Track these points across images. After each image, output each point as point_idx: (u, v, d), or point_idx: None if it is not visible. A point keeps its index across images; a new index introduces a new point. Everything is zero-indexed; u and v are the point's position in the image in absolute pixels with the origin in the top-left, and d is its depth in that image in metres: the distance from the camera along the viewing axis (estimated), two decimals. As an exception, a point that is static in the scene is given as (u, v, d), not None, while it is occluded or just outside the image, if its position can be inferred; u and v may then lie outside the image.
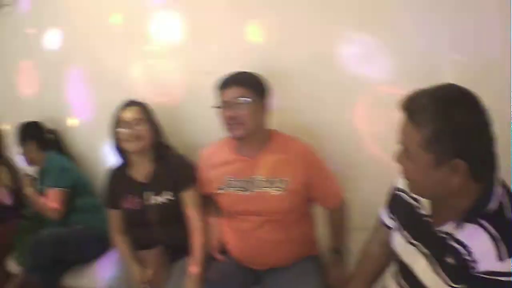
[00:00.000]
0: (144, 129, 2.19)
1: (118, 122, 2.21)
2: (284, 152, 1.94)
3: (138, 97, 2.34)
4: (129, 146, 2.18)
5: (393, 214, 1.53)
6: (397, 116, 1.21)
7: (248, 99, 1.87)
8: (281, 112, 2.04)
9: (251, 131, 1.90)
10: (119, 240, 2.30)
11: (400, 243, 1.44)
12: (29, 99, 3.14)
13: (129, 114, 2.20)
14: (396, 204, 1.51)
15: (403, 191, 1.45)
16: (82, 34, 2.80)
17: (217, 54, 2.38)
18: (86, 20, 2.78)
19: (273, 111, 1.99)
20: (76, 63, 2.87)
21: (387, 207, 1.57)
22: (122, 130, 2.19)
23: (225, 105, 1.90)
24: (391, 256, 1.53)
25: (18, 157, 2.93)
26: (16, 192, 3.14)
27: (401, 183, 1.45)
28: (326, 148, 2.12)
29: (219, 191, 2.04)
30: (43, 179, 2.71)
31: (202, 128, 2.45)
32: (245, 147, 1.97)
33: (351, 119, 2.12)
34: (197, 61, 2.45)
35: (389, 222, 1.56)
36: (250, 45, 2.29)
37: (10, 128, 3.26)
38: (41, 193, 2.67)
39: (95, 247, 2.62)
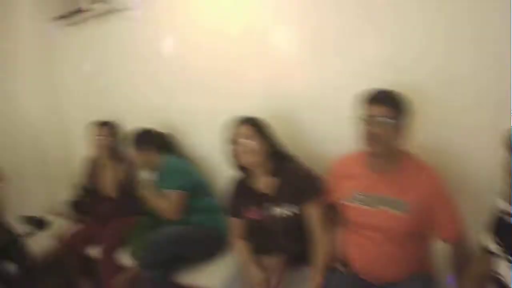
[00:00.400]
0: (255, 144, 2.31)
1: (230, 140, 2.37)
2: (412, 174, 2.00)
3: (260, 108, 2.50)
4: (244, 161, 2.34)
5: (499, 239, 1.55)
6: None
7: (392, 120, 1.93)
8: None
9: (387, 149, 1.98)
10: (239, 244, 2.46)
11: (507, 268, 1.47)
12: (149, 103, 3.34)
13: (239, 131, 2.34)
14: (502, 227, 1.53)
15: (507, 213, 1.48)
16: (202, 42, 2.95)
17: (341, 68, 2.44)
18: (205, 29, 2.92)
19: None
20: (195, 70, 3.03)
21: (492, 232, 1.59)
22: (234, 147, 2.35)
23: (368, 120, 1.97)
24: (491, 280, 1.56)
25: (135, 160, 3.12)
26: (127, 189, 3.39)
27: (504, 204, 1.48)
28: (453, 171, 2.14)
29: (344, 202, 2.14)
30: (162, 181, 2.90)
31: (326, 140, 2.57)
32: (377, 164, 2.05)
33: (487, 142, 2.07)
34: (323, 74, 2.53)
35: (494, 247, 1.58)
36: (373, 61, 2.33)
37: (129, 129, 3.49)
38: (160, 194, 2.86)
39: (211, 247, 2.81)
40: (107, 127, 3.51)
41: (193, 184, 2.88)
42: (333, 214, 2.26)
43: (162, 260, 2.68)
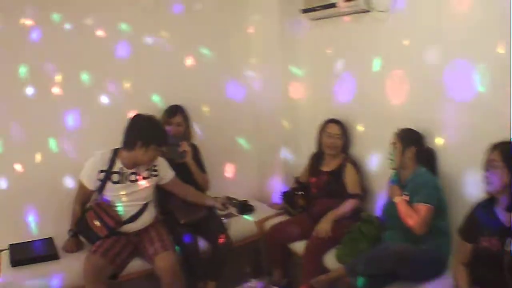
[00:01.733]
0: (500, 172, 2.26)
1: (483, 165, 2.38)
2: None
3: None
4: (488, 189, 2.35)
5: None
6: None
7: None
8: None
9: None
10: (460, 270, 2.47)
11: None
12: (395, 108, 3.37)
13: (490, 157, 2.33)
14: None
15: None
16: (458, 53, 2.91)
17: None
18: (467, 41, 2.87)
19: None
20: (452, 82, 2.98)
21: None
22: (484, 172, 2.37)
23: None
24: None
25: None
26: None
27: None
28: None
29: None
30: (413, 193, 2.90)
31: None
32: None
33: None
34: None
35: None
36: None
37: (363, 129, 3.69)
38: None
39: (430, 270, 2.80)
40: (338, 125, 3.67)
41: (438, 202, 2.88)
42: None
43: (376, 273, 2.76)
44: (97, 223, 3.06)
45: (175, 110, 3.73)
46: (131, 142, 3.08)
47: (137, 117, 3.15)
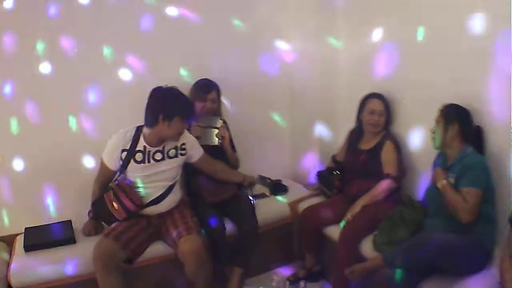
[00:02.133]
0: None
1: None
2: None
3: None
4: None
5: None
6: None
7: None
8: None
9: None
10: (507, 264, 2.28)
11: None
12: (440, 82, 3.14)
13: None
14: None
15: None
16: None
17: None
18: None
19: None
20: (502, 55, 2.74)
21: None
22: None
23: None
24: None
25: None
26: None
27: None
28: None
29: None
30: (460, 174, 2.71)
31: None
32: None
33: None
34: None
35: None
36: None
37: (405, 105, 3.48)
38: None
39: (472, 260, 2.61)
40: (380, 101, 3.45)
41: (486, 186, 2.68)
42: None
43: (416, 266, 2.59)
44: (115, 205, 2.91)
45: (210, 86, 3.54)
46: (153, 117, 2.89)
47: (157, 89, 2.93)
